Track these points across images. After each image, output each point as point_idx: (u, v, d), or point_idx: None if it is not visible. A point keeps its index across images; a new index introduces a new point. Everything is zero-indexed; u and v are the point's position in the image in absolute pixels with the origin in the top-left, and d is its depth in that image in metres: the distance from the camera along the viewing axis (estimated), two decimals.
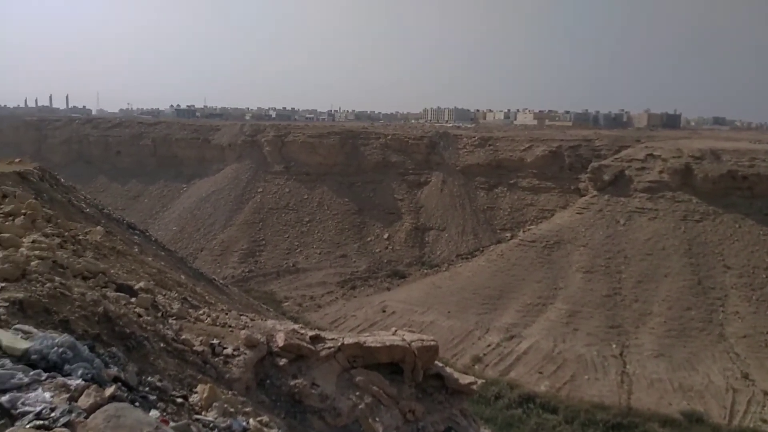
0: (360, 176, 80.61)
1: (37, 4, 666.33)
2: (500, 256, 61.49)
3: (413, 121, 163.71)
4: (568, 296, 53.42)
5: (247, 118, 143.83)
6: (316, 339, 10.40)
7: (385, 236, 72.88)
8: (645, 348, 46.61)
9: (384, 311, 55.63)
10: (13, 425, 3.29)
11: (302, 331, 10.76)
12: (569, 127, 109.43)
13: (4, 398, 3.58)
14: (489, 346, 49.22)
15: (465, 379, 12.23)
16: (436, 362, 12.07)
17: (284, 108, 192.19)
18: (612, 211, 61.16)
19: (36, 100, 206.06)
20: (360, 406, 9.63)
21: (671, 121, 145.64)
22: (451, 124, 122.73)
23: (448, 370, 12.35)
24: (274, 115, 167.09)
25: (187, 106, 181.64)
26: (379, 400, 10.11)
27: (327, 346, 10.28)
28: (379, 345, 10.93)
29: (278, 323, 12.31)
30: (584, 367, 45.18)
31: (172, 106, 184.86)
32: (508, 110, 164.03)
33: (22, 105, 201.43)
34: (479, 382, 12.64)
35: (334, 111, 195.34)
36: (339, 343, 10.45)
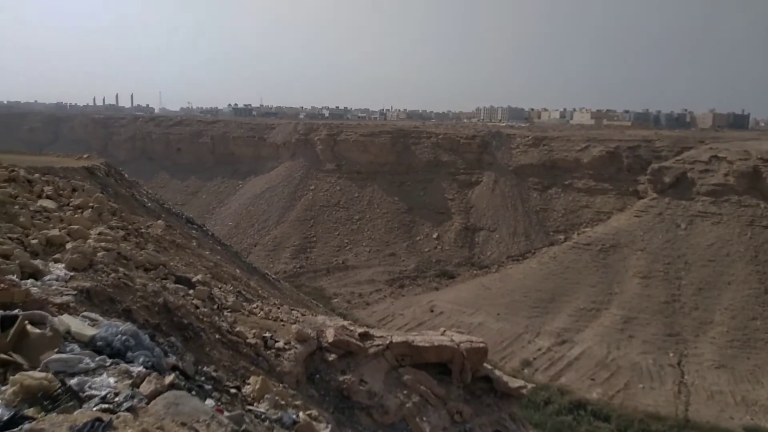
0: (410, 175, 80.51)
1: (104, 9, 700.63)
2: (553, 259, 60.11)
3: (465, 120, 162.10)
4: (623, 302, 51.66)
5: (301, 116, 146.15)
6: (364, 336, 10.49)
7: (435, 236, 72.55)
8: (705, 358, 44.52)
9: (432, 311, 55.43)
10: (80, 407, 3.48)
11: (351, 328, 10.88)
12: (628, 127, 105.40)
13: (73, 381, 3.79)
14: (539, 350, 48.24)
15: (514, 383, 12.05)
16: (485, 364, 11.95)
17: (337, 107, 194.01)
18: (672, 214, 58.67)
19: (104, 99, 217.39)
20: (407, 405, 9.65)
21: (738, 122, 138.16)
22: (504, 124, 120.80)
23: (497, 372, 12.21)
24: (327, 114, 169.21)
25: (244, 105, 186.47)
26: (426, 400, 10.09)
27: (375, 343, 10.35)
28: (427, 345, 10.92)
29: (328, 319, 12.49)
30: (639, 375, 43.60)
31: (229, 105, 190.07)
32: (564, 109, 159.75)
33: (91, 104, 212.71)
34: (529, 386, 12.43)
35: (386, 110, 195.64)
36: (387, 341, 10.50)
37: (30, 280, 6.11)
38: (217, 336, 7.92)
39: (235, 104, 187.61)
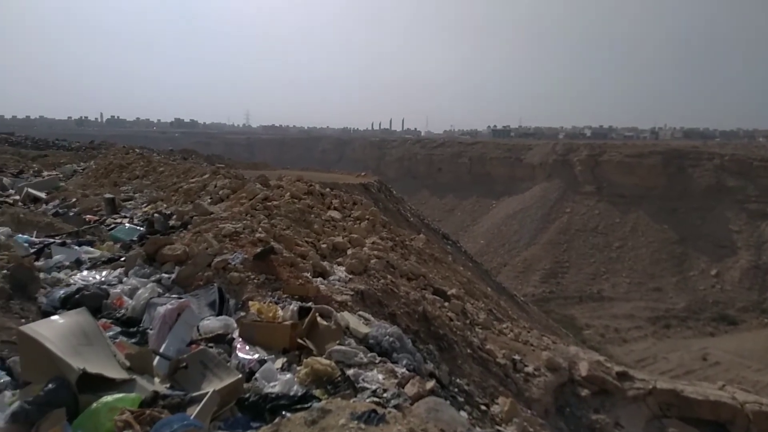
0: (685, 201, 71.24)
1: (383, 47, 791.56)
2: None
3: (761, 139, 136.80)
4: None
5: (560, 137, 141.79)
6: (623, 376, 9.61)
7: (713, 272, 62.63)
8: None
9: (705, 360, 47.80)
10: (355, 396, 3.94)
11: (608, 365, 10.07)
12: None
13: (350, 372, 4.31)
14: None
15: None
16: None
17: (601, 126, 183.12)
18: None
19: (380, 124, 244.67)
20: None
21: None
22: None
23: None
24: (588, 134, 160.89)
25: (503, 126, 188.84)
26: None
27: (636, 386, 9.40)
28: (700, 397, 9.48)
29: (581, 351, 11.78)
30: None
31: (488, 126, 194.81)
32: None
33: (369, 128, 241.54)
34: None
35: (658, 128, 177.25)
36: (650, 386, 9.44)
37: (319, 279, 7.18)
38: (468, 351, 8.14)
39: (494, 126, 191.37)
